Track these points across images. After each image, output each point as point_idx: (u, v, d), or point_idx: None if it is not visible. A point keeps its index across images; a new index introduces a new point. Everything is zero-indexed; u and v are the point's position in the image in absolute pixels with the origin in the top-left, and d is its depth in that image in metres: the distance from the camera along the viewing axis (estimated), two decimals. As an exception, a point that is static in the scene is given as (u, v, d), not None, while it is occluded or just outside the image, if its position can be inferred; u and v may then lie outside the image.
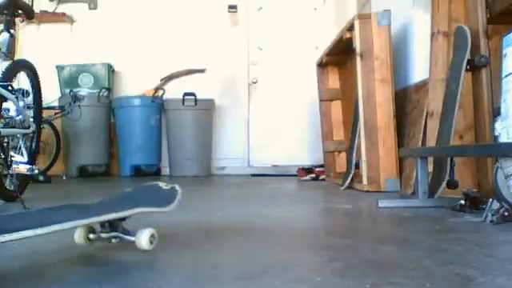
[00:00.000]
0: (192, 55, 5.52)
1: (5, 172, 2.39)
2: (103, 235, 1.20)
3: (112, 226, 1.19)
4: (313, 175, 4.40)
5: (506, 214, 1.59)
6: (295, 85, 5.54)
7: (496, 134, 1.80)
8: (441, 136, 2.32)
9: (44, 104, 3.00)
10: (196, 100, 5.09)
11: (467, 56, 2.20)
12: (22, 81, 2.87)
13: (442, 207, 2.05)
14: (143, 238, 1.17)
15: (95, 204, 1.26)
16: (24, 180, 2.50)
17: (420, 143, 2.76)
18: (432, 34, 2.65)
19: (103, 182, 4.38)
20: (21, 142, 2.48)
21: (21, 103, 2.49)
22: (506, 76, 1.71)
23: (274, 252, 1.23)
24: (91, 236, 1.22)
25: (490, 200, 1.65)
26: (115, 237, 1.20)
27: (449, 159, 2.17)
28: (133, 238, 1.18)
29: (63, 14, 5.48)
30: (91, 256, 1.19)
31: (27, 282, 0.96)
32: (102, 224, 1.18)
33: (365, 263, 1.07)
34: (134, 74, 5.49)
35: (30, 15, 2.78)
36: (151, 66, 5.44)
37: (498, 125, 1.78)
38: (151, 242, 1.19)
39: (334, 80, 4.47)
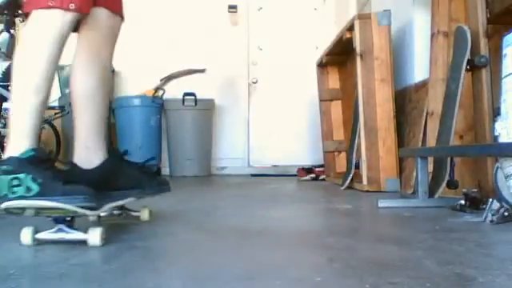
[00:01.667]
0: (192, 55, 5.52)
1: (5, 172, 2.39)
2: (115, 212, 1.67)
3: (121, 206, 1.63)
4: (313, 175, 4.40)
5: (506, 213, 1.59)
6: (295, 85, 5.54)
7: (496, 133, 1.80)
8: (441, 136, 2.32)
9: (44, 104, 3.00)
10: (196, 100, 5.09)
11: (467, 56, 2.19)
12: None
13: (442, 207, 2.05)
14: (145, 213, 1.70)
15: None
16: (24, 180, 2.49)
17: (420, 143, 2.76)
18: (432, 34, 2.65)
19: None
20: (21, 142, 2.48)
21: (21, 103, 2.48)
22: (506, 76, 1.71)
23: (274, 252, 1.23)
24: (103, 214, 1.57)
25: (490, 200, 1.65)
26: (123, 213, 1.69)
27: (449, 159, 2.17)
28: (138, 213, 1.70)
29: (63, 14, 5.47)
30: (87, 256, 1.19)
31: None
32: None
33: (365, 263, 1.07)
34: (134, 74, 5.49)
35: (30, 15, 2.78)
36: (151, 66, 5.44)
37: (498, 125, 1.78)
38: (150, 216, 1.71)
39: (334, 80, 4.47)
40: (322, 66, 4.44)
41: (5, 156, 1.26)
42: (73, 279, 0.97)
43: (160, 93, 5.31)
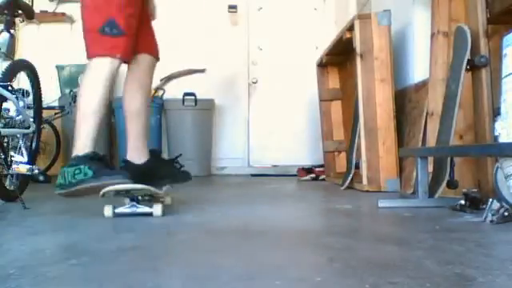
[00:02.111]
0: (192, 55, 5.52)
1: (5, 172, 2.39)
2: (146, 197, 1.97)
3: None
4: (313, 175, 4.40)
5: (506, 213, 1.59)
6: (295, 85, 5.54)
7: (496, 133, 1.80)
8: (441, 136, 2.32)
9: (44, 104, 3.00)
10: (196, 100, 5.09)
11: (467, 56, 2.19)
12: (22, 81, 2.87)
13: (442, 207, 2.05)
14: (168, 199, 2.16)
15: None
16: (24, 180, 2.50)
17: (420, 143, 2.76)
18: (432, 34, 2.64)
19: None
20: (21, 141, 2.48)
21: (21, 103, 2.48)
22: (506, 76, 1.71)
23: (274, 252, 1.23)
24: (140, 198, 1.90)
25: (490, 200, 1.65)
26: (151, 198, 2.00)
27: (449, 159, 2.17)
28: (163, 199, 2.04)
29: (63, 14, 5.47)
30: (87, 256, 1.19)
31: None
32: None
33: (365, 263, 1.07)
34: (133, 74, 5.48)
35: (29, 15, 2.78)
36: (151, 66, 5.42)
37: (497, 125, 1.78)
38: (172, 202, 2.16)
39: (334, 80, 4.47)
40: (322, 65, 4.44)
41: (73, 155, 1.85)
42: (73, 279, 0.97)
43: (160, 93, 5.31)
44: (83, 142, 1.84)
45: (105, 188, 1.78)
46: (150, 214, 1.83)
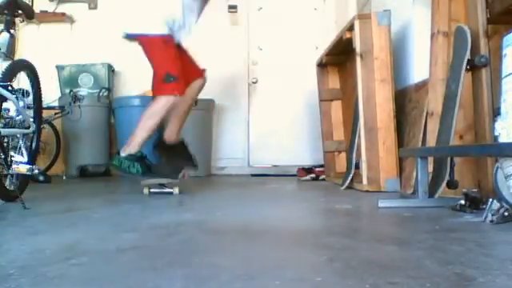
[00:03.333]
0: (192, 55, 5.51)
1: (5, 172, 2.39)
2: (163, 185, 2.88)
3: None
4: (313, 175, 4.40)
5: (506, 213, 1.59)
6: (295, 85, 5.54)
7: (496, 133, 1.80)
8: (441, 136, 2.32)
9: (44, 104, 3.00)
10: (196, 100, 5.08)
11: (467, 56, 2.19)
12: (22, 81, 2.87)
13: (442, 207, 2.05)
14: (177, 187, 2.84)
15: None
16: (24, 180, 2.50)
17: (420, 143, 2.76)
18: (432, 34, 2.64)
19: (103, 182, 4.38)
20: (21, 141, 2.48)
21: (21, 103, 2.48)
22: (506, 76, 1.71)
23: (273, 252, 1.23)
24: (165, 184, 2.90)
25: (490, 200, 1.65)
26: (165, 187, 2.87)
27: (449, 159, 2.17)
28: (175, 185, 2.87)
29: (63, 14, 5.47)
30: (87, 256, 1.20)
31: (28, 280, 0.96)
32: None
33: (365, 263, 1.07)
34: (133, 74, 5.47)
35: (29, 15, 2.78)
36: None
37: (497, 125, 1.78)
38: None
39: (334, 80, 4.47)
40: (321, 66, 4.44)
41: (128, 151, 2.74)
42: (73, 279, 0.97)
43: (160, 93, 5.30)
44: (137, 145, 2.73)
45: (145, 181, 2.81)
46: (171, 193, 2.83)
